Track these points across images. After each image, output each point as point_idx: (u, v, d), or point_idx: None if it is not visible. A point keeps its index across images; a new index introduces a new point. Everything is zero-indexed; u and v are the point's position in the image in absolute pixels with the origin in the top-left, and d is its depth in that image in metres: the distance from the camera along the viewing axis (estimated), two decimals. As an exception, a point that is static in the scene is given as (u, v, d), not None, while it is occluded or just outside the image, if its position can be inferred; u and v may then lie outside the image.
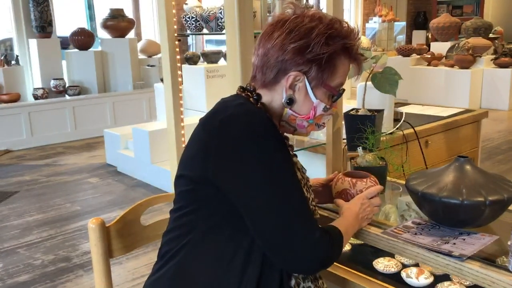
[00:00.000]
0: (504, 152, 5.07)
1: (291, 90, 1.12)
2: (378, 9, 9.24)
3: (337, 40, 1.09)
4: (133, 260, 2.89)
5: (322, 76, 1.11)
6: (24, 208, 3.82)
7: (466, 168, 1.25)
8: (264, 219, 1.00)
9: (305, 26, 1.08)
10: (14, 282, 2.71)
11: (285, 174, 1.03)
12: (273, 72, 1.11)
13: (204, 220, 1.08)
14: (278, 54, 1.09)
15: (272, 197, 1.00)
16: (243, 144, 1.01)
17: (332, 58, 1.10)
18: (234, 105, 1.09)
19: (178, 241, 1.11)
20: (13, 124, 5.72)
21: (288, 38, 1.08)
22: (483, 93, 7.63)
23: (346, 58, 1.13)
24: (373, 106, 2.02)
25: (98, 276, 1.25)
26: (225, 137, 1.03)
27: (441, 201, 1.18)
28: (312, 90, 1.12)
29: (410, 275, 1.50)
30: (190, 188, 1.10)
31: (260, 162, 1.01)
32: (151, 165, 4.28)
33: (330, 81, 1.13)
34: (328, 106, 1.16)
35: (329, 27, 1.09)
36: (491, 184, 1.20)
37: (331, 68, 1.11)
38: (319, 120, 1.18)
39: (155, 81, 6.35)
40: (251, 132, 1.02)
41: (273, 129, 1.06)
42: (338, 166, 1.85)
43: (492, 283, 1.05)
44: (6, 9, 6.27)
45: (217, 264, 1.06)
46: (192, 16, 3.82)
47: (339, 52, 1.11)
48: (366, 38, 8.57)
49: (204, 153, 1.06)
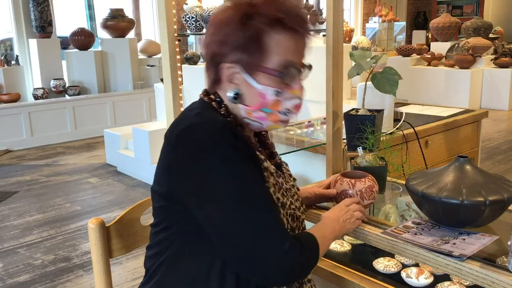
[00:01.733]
0: (504, 152, 5.07)
1: (233, 85, 1.05)
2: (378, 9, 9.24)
3: (256, 18, 1.00)
4: (133, 260, 2.89)
5: (254, 60, 1.01)
6: (24, 208, 3.82)
7: (466, 168, 1.25)
8: (227, 233, 0.96)
9: (220, 16, 1.04)
10: (14, 282, 2.71)
11: (246, 183, 0.98)
12: (213, 71, 1.07)
13: (178, 236, 1.06)
14: (208, 51, 1.06)
15: (233, 210, 0.96)
16: (199, 157, 0.97)
17: (257, 39, 1.00)
18: (192, 115, 1.04)
19: (157, 258, 1.11)
20: (13, 124, 5.72)
21: (210, 34, 1.05)
22: (483, 93, 7.63)
23: (278, 33, 1.01)
24: (373, 106, 2.01)
25: (98, 276, 1.25)
26: (182, 151, 0.99)
27: (441, 201, 1.18)
28: (253, 77, 1.03)
29: (410, 275, 1.50)
30: (161, 205, 1.08)
31: (218, 174, 0.96)
32: (151, 165, 4.28)
33: (265, 62, 1.02)
34: (280, 90, 1.04)
35: (244, 8, 1.01)
36: (491, 184, 1.20)
37: (259, 49, 1.01)
38: (278, 107, 1.06)
39: (155, 81, 6.35)
40: (206, 144, 0.97)
41: (231, 137, 0.99)
42: (338, 166, 1.85)
43: (492, 283, 1.05)
44: (6, 9, 6.27)
45: (194, 281, 1.05)
46: (192, 16, 3.82)
47: (265, 29, 1.00)
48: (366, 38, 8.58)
49: (166, 168, 1.04)
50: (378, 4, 9.78)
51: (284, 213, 1.07)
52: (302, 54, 1.08)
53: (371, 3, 11.15)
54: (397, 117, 2.47)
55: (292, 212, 1.10)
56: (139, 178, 4.48)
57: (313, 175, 2.34)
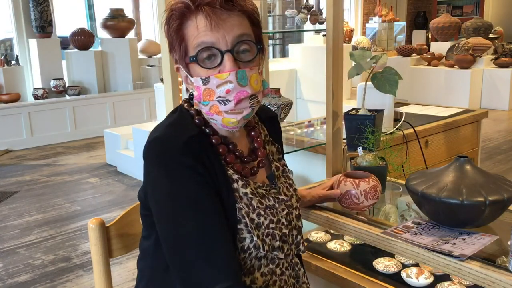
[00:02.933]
0: (504, 152, 5.07)
1: (185, 83, 1.06)
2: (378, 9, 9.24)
3: (173, 15, 1.00)
4: (133, 260, 2.89)
5: (181, 52, 1.00)
6: (24, 208, 3.82)
7: (466, 168, 1.25)
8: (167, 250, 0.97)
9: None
10: (14, 282, 2.71)
11: (191, 208, 0.94)
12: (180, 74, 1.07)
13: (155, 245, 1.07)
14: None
15: (172, 232, 0.95)
16: (155, 170, 0.97)
17: (177, 33, 1.00)
18: (165, 125, 1.03)
19: (142, 266, 1.13)
20: (13, 124, 5.72)
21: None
22: (483, 93, 7.63)
23: (192, 19, 0.98)
24: (373, 106, 2.01)
25: (98, 276, 1.25)
26: (146, 163, 1.00)
27: (441, 201, 1.18)
28: (189, 72, 1.02)
29: (410, 275, 1.50)
30: (143, 213, 1.10)
31: (166, 193, 0.96)
32: (151, 165, 4.28)
33: (187, 52, 1.00)
34: (204, 77, 0.98)
35: (168, 11, 1.01)
36: (491, 184, 1.20)
37: (181, 41, 1.00)
38: (212, 97, 0.98)
39: (155, 81, 6.35)
40: (164, 159, 0.96)
41: (189, 157, 0.95)
42: (338, 166, 1.85)
43: (492, 283, 1.05)
44: (6, 9, 6.28)
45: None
46: (192, 16, 3.82)
47: (182, 22, 0.99)
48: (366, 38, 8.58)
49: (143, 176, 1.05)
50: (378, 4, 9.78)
51: (259, 234, 1.01)
52: (214, 31, 0.96)
53: (371, 3, 11.15)
54: (397, 117, 2.47)
55: (270, 231, 1.03)
56: (139, 178, 4.47)
57: (313, 175, 2.34)
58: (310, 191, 1.45)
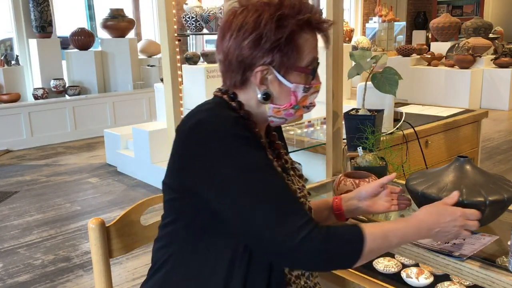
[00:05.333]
0: (504, 152, 5.07)
1: (263, 86, 1.06)
2: (378, 9, 9.24)
3: (290, 19, 1.02)
4: (133, 260, 2.89)
5: (289, 60, 1.04)
6: (24, 208, 3.82)
7: (466, 168, 1.25)
8: (244, 219, 0.97)
9: (252, 17, 1.02)
10: (14, 282, 2.71)
11: (261, 169, 0.99)
12: (239, 73, 1.07)
13: (185, 229, 1.07)
14: (237, 54, 1.05)
15: (249, 195, 0.96)
16: (212, 148, 0.98)
17: (292, 39, 1.03)
18: (204, 110, 1.07)
19: (164, 251, 1.11)
20: (13, 124, 5.72)
21: (240, 36, 1.04)
22: (483, 93, 7.63)
23: (308, 33, 1.05)
24: (373, 106, 2.02)
25: (98, 276, 1.25)
26: (195, 143, 1.00)
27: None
28: (284, 77, 1.06)
29: (410, 275, 1.50)
30: (171, 197, 1.09)
31: (232, 165, 0.97)
32: (151, 165, 4.28)
33: (299, 61, 1.05)
34: (308, 86, 1.08)
35: (277, 9, 1.02)
36: (491, 184, 1.20)
37: (294, 49, 1.04)
38: (305, 102, 1.10)
39: (155, 81, 6.35)
40: (218, 134, 0.99)
41: (243, 129, 1.02)
42: (338, 166, 1.85)
43: (492, 283, 1.05)
44: (6, 9, 6.27)
45: (201, 275, 1.06)
46: (192, 16, 3.82)
47: (296, 30, 1.03)
48: (366, 38, 8.58)
49: (178, 161, 1.05)
50: (378, 4, 9.78)
51: None
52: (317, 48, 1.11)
53: (371, 3, 11.15)
54: (397, 117, 2.47)
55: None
56: (139, 178, 4.48)
57: (313, 175, 2.34)
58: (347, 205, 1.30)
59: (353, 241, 0.98)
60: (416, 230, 1.05)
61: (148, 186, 4.27)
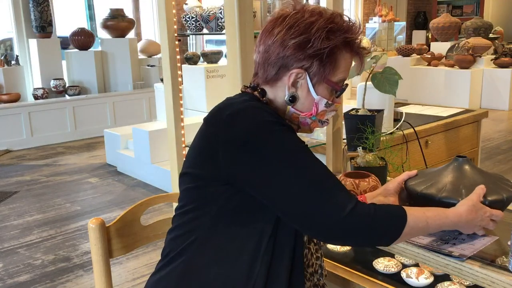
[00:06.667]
0: (504, 152, 5.07)
1: (293, 88, 1.11)
2: (378, 9, 9.24)
3: (338, 35, 1.07)
4: (133, 260, 2.89)
5: (324, 71, 1.09)
6: (24, 208, 3.82)
7: (465, 168, 1.25)
8: (291, 201, 1.00)
9: (305, 21, 1.07)
10: (14, 282, 2.71)
11: (303, 154, 1.03)
12: (275, 69, 1.10)
13: (211, 216, 1.07)
14: (279, 50, 1.08)
15: (296, 177, 0.99)
16: (254, 135, 1.01)
17: (334, 53, 1.08)
18: (240, 101, 1.09)
19: (184, 239, 1.11)
20: (13, 124, 5.72)
21: (288, 34, 1.07)
22: (483, 93, 7.64)
23: (348, 53, 1.11)
24: (373, 106, 2.02)
25: (98, 276, 1.25)
26: (234, 131, 1.02)
27: (440, 201, 1.18)
28: (314, 86, 1.10)
29: (410, 275, 1.50)
30: (195, 185, 1.09)
31: (277, 149, 1.01)
32: (151, 165, 4.28)
33: (332, 76, 1.10)
34: (331, 102, 1.13)
35: (330, 21, 1.07)
36: (490, 184, 1.20)
37: (332, 63, 1.09)
38: (322, 117, 1.16)
39: (155, 81, 6.36)
40: (261, 123, 1.02)
41: (281, 120, 1.07)
42: (338, 166, 1.85)
43: (492, 283, 1.05)
44: (6, 9, 6.28)
45: (225, 261, 1.07)
46: (192, 16, 3.82)
47: (340, 46, 1.08)
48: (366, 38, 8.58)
49: (211, 148, 1.05)
50: (378, 4, 9.78)
51: None
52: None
53: (371, 3, 11.15)
54: (397, 117, 2.47)
55: None
56: (139, 178, 4.48)
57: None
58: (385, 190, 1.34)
59: (397, 218, 1.03)
60: (453, 224, 1.10)
61: (148, 186, 4.27)
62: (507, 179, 1.26)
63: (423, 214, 1.06)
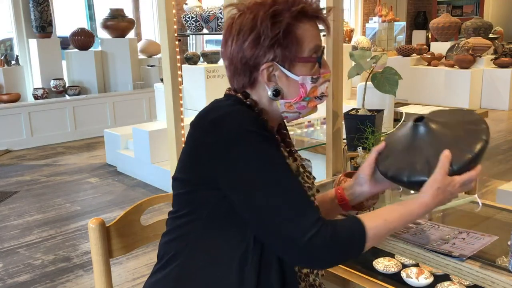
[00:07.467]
0: (504, 152, 5.07)
1: (272, 82, 1.09)
2: (378, 9, 9.24)
3: (284, 13, 1.05)
4: (133, 260, 2.89)
5: (291, 53, 1.06)
6: (24, 208, 3.82)
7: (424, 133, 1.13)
8: (257, 215, 0.99)
9: (248, 19, 1.06)
10: (14, 282, 2.71)
11: (277, 167, 1.01)
12: (246, 75, 1.09)
13: (201, 221, 1.08)
14: (240, 57, 1.07)
15: (263, 192, 0.98)
16: (235, 142, 1.00)
17: (289, 32, 1.05)
18: (226, 105, 1.09)
19: (177, 243, 1.11)
20: (13, 124, 5.72)
21: (240, 39, 1.06)
22: (483, 93, 7.63)
23: (306, 23, 1.08)
24: (373, 106, 2.02)
25: (98, 276, 1.25)
26: (218, 136, 1.02)
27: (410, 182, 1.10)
28: (290, 70, 1.08)
29: (410, 275, 1.50)
30: (185, 191, 1.10)
31: (254, 159, 1.00)
32: (151, 165, 4.28)
33: (300, 52, 1.07)
34: (316, 76, 1.10)
35: (270, 6, 1.05)
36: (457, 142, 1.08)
37: (293, 41, 1.06)
38: (316, 93, 1.12)
39: (155, 81, 6.35)
40: (242, 130, 1.01)
41: (263, 127, 1.05)
42: (338, 166, 1.85)
43: (492, 283, 1.05)
44: (6, 9, 6.27)
45: (218, 264, 1.07)
46: (192, 16, 3.82)
47: (293, 22, 1.05)
48: (366, 38, 8.58)
49: (198, 153, 1.06)
50: (378, 4, 9.78)
51: None
52: (321, 37, 1.13)
53: (371, 3, 11.15)
54: (397, 117, 2.47)
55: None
56: (139, 178, 4.48)
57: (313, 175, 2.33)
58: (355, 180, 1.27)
59: (356, 237, 1.00)
60: (421, 215, 1.07)
61: (148, 186, 4.27)
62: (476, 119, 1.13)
63: (383, 221, 1.03)
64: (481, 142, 1.07)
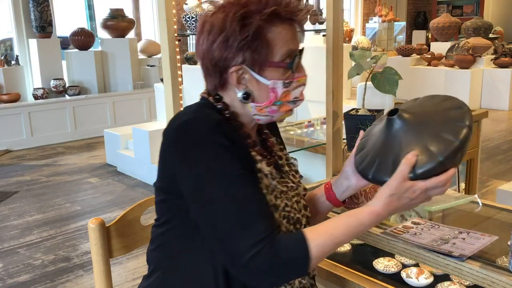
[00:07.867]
0: (504, 152, 5.07)
1: (242, 85, 1.05)
2: (378, 9, 9.24)
3: (255, 15, 0.99)
4: (133, 260, 2.89)
5: (260, 57, 1.01)
6: (24, 208, 3.82)
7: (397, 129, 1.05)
8: (206, 225, 0.98)
9: (218, 20, 1.02)
10: (14, 282, 2.71)
11: (229, 181, 0.97)
12: (217, 77, 1.06)
13: (178, 230, 1.07)
14: (210, 57, 1.04)
15: (211, 204, 0.96)
16: (190, 150, 0.99)
17: (260, 34, 1.00)
18: (191, 111, 1.06)
19: (159, 252, 1.12)
20: (13, 124, 5.72)
21: (210, 39, 1.03)
22: (483, 93, 7.64)
23: (278, 26, 1.02)
24: (373, 106, 2.02)
25: (98, 276, 1.25)
26: (176, 144, 1.01)
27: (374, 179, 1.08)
28: (260, 74, 1.03)
29: (410, 275, 1.50)
30: (162, 199, 1.09)
31: (204, 171, 0.97)
32: (151, 165, 4.28)
33: (271, 57, 1.02)
34: (288, 80, 1.05)
35: (241, 7, 1.00)
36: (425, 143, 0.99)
37: (264, 44, 1.01)
38: (288, 97, 1.07)
39: (155, 81, 6.35)
40: (199, 137, 0.99)
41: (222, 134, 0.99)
42: (338, 166, 1.85)
43: (492, 283, 1.05)
44: (6, 9, 6.27)
45: (195, 276, 1.06)
46: (192, 16, 3.82)
47: (264, 25, 1.00)
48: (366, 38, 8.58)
49: (164, 161, 1.06)
50: (378, 4, 9.79)
51: (277, 215, 1.05)
52: (298, 40, 1.08)
53: (371, 3, 11.15)
54: (397, 117, 2.47)
55: (286, 214, 1.07)
56: (139, 178, 4.48)
57: (313, 175, 2.34)
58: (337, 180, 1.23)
59: (299, 257, 0.96)
60: (373, 223, 1.01)
61: (148, 186, 4.27)
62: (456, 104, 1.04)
63: (329, 236, 0.98)
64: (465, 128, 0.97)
